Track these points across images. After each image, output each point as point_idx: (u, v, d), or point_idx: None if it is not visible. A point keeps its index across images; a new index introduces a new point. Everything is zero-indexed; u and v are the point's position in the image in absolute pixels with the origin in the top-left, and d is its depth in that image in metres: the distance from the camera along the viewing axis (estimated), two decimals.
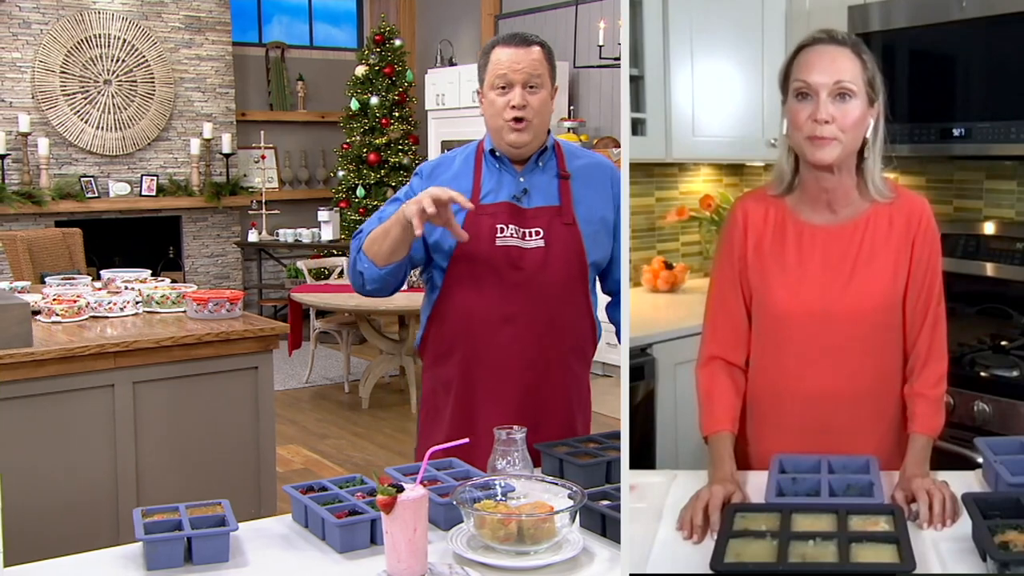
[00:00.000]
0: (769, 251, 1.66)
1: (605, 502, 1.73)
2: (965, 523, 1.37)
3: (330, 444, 5.39)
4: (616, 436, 2.10)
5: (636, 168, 1.48)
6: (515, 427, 1.86)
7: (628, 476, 1.38)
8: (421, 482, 1.73)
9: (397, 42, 8.31)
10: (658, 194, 2.37)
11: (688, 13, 1.87)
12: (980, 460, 1.55)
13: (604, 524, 1.69)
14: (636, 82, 1.94)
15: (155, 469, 3.15)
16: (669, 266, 2.39)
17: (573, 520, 1.63)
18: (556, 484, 1.72)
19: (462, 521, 1.66)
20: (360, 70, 8.27)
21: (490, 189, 2.16)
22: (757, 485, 1.52)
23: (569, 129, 7.30)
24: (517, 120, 2.10)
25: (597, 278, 2.33)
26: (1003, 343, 1.84)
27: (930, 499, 1.45)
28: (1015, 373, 1.81)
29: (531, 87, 2.11)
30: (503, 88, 2.11)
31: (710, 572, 1.31)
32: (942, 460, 1.60)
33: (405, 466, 1.87)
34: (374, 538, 1.64)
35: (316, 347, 6.80)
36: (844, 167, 1.61)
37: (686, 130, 2.02)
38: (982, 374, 1.83)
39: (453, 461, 1.93)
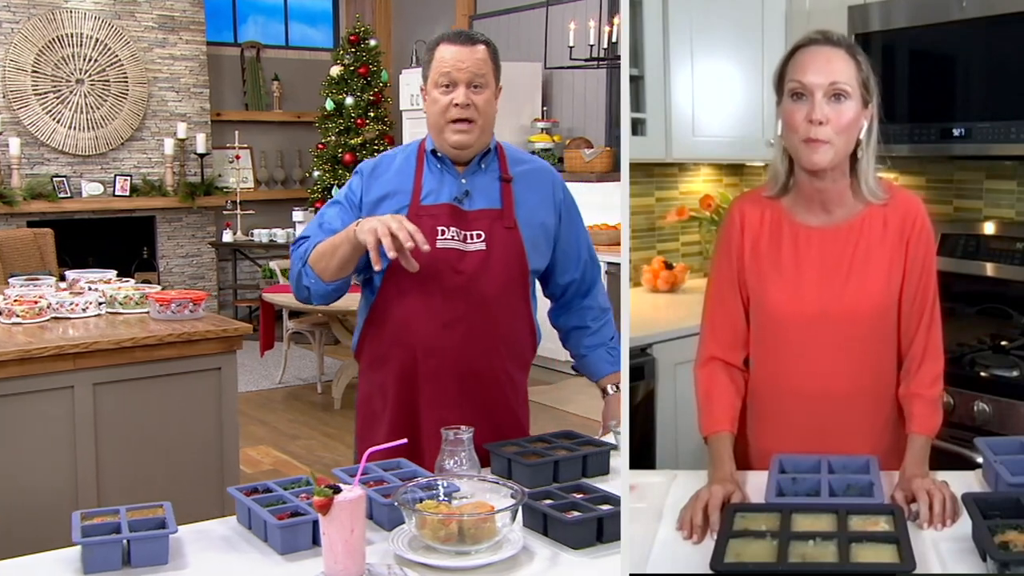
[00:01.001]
0: (765, 253, 1.67)
1: (548, 501, 1.74)
2: (965, 523, 1.37)
3: (300, 445, 5.38)
4: (566, 436, 2.12)
5: (636, 168, 1.46)
6: (462, 427, 1.86)
7: (628, 476, 1.38)
8: (361, 483, 1.74)
9: (372, 42, 8.30)
10: (658, 194, 2.37)
11: (688, 13, 1.88)
12: (980, 460, 1.55)
13: (546, 523, 1.70)
14: (636, 82, 1.94)
15: (116, 472, 3.13)
16: (669, 266, 2.39)
17: (514, 519, 1.63)
18: (498, 484, 1.73)
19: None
20: (335, 70, 8.26)
21: (431, 189, 2.13)
22: (757, 485, 1.53)
23: (542, 130, 7.32)
24: (460, 121, 2.07)
25: (538, 283, 2.30)
26: (1003, 343, 1.84)
27: (930, 499, 1.45)
28: (1015, 373, 1.81)
29: (475, 86, 2.07)
30: (447, 87, 2.07)
31: (710, 572, 1.31)
32: (942, 460, 1.60)
33: (352, 467, 1.87)
34: (316, 539, 1.63)
35: (289, 347, 6.79)
36: (838, 170, 1.61)
37: (686, 130, 2.02)
38: (982, 374, 1.83)
39: (401, 462, 1.93)
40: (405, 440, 1.73)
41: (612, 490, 1.81)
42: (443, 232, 2.09)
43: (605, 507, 1.72)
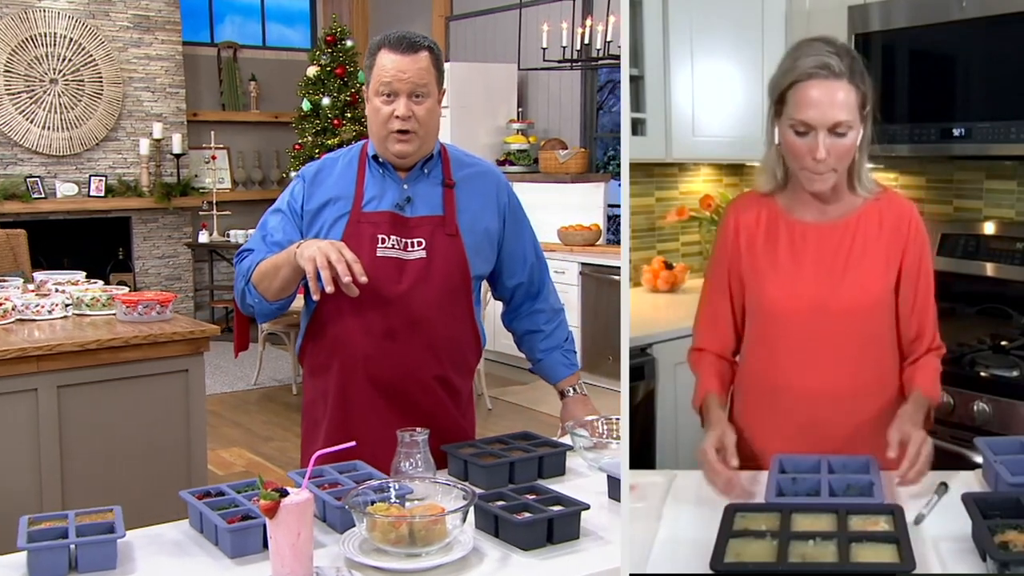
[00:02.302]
0: (762, 251, 1.68)
1: (500, 503, 1.75)
2: (965, 523, 1.37)
3: (274, 447, 5.37)
4: (523, 437, 2.13)
5: (636, 168, 1.46)
6: (418, 429, 1.87)
7: (628, 476, 1.38)
8: (315, 485, 1.75)
9: (349, 43, 8.28)
10: (658, 194, 2.37)
11: (688, 13, 1.88)
12: (980, 460, 1.56)
13: (497, 525, 1.70)
14: (636, 82, 1.93)
15: (81, 475, 3.12)
16: (669, 266, 2.40)
17: (464, 521, 1.64)
18: (450, 485, 1.74)
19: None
20: (312, 71, 8.24)
21: (373, 196, 2.10)
22: (757, 485, 1.54)
23: (518, 131, 7.34)
24: (402, 132, 2.04)
25: (488, 286, 2.30)
26: (1003, 343, 1.85)
27: (918, 454, 1.51)
28: (1015, 373, 1.82)
29: (417, 96, 2.03)
30: (388, 96, 2.03)
31: (710, 572, 1.31)
32: (942, 460, 1.60)
33: (305, 469, 1.87)
34: (267, 543, 1.63)
35: (264, 348, 6.77)
36: (837, 183, 1.64)
37: (686, 130, 2.02)
38: (982, 374, 1.84)
39: (357, 464, 1.93)
40: (354, 443, 1.73)
41: (567, 491, 1.82)
42: (383, 240, 2.07)
43: (556, 508, 1.73)
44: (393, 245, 2.08)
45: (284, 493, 1.48)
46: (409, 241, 2.09)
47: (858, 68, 1.57)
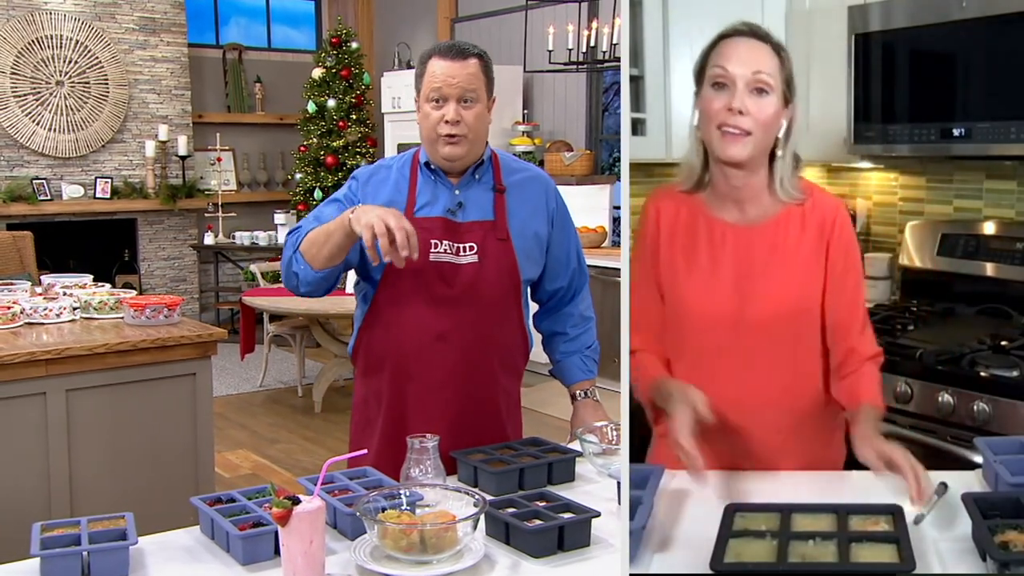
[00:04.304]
0: (681, 249, 1.64)
1: (511, 510, 1.75)
2: (965, 523, 1.37)
3: (280, 449, 5.37)
4: (532, 443, 2.14)
5: (636, 168, 1.46)
6: (428, 435, 1.87)
7: (628, 475, 1.39)
8: (325, 491, 1.75)
9: (354, 45, 8.30)
10: None
11: (688, 13, 1.89)
12: (980, 460, 1.56)
13: (508, 532, 1.71)
14: (636, 82, 1.93)
15: (90, 479, 3.13)
16: None
17: (475, 528, 1.65)
18: (461, 492, 1.74)
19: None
20: (317, 72, 8.25)
21: (426, 201, 2.14)
22: (757, 485, 1.55)
23: (523, 132, 7.34)
24: (451, 136, 2.07)
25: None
26: (1003, 343, 1.83)
27: (915, 472, 1.43)
28: (1015, 373, 1.79)
29: (466, 101, 2.07)
30: (437, 102, 2.07)
31: (710, 572, 1.31)
32: (942, 460, 1.60)
33: (317, 475, 1.88)
34: (279, 549, 1.64)
35: (270, 350, 6.78)
36: (755, 164, 1.58)
37: (686, 130, 2.03)
38: (982, 374, 1.81)
39: (367, 470, 1.94)
40: (365, 451, 1.74)
41: (576, 498, 1.82)
42: (436, 245, 2.10)
43: (567, 515, 1.73)
44: (445, 250, 2.11)
45: (296, 501, 1.48)
46: (461, 246, 2.12)
47: (783, 48, 1.56)
